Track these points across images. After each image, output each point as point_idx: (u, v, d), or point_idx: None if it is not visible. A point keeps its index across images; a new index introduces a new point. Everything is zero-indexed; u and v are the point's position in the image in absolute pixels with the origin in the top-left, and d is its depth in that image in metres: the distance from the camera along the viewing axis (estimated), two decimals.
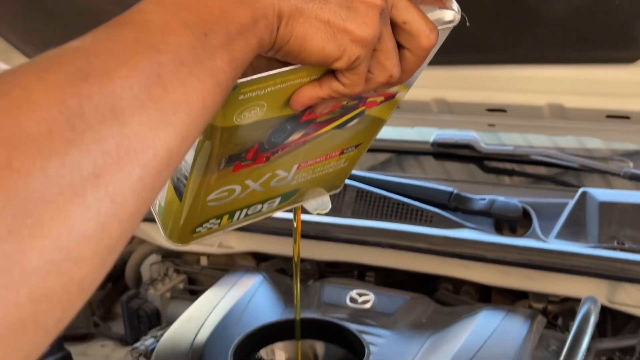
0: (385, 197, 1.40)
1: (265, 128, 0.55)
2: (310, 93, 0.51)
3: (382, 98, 0.61)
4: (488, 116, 1.24)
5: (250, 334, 0.98)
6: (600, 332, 1.30)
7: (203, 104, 0.38)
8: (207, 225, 0.67)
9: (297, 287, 0.91)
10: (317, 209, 0.78)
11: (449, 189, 1.39)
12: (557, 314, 1.35)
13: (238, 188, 0.63)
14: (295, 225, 0.83)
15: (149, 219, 1.72)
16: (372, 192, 1.42)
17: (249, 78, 0.47)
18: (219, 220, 0.67)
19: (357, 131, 0.65)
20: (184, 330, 1.13)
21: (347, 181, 1.46)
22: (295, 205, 0.74)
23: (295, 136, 0.59)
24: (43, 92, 0.31)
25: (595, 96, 1.08)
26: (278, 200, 0.70)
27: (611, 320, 1.32)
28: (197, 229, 0.67)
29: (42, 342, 0.31)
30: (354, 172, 1.53)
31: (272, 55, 0.47)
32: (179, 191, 0.61)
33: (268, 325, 1.01)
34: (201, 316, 1.16)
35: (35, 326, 0.30)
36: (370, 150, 1.71)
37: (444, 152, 1.55)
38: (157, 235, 1.71)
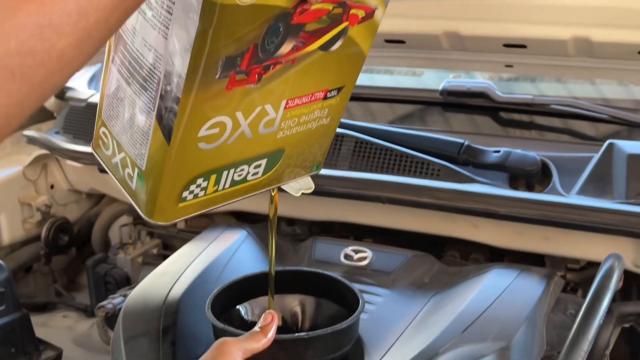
0: (386, 149, 1.40)
1: (262, 20, 0.60)
2: None
3: (363, 13, 0.68)
4: (505, 54, 1.23)
5: (230, 285, 0.99)
6: (623, 299, 1.31)
7: None
8: (194, 188, 0.71)
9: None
10: (301, 189, 0.84)
11: (460, 140, 1.38)
12: (576, 284, 1.36)
13: (229, 123, 0.68)
14: (271, 217, 0.87)
15: None
16: (372, 143, 1.42)
17: None
18: (206, 183, 0.72)
19: (340, 64, 0.72)
20: (156, 284, 1.13)
21: (345, 131, 1.46)
22: (277, 185, 0.81)
23: (286, 47, 0.65)
24: None
25: (627, 29, 1.07)
26: (264, 163, 0.76)
27: (637, 289, 1.33)
28: (184, 194, 0.71)
29: (29, 95, 0.42)
30: (353, 121, 1.53)
31: None
32: (167, 128, 0.65)
33: (249, 277, 1.01)
34: (177, 270, 1.16)
35: (22, 78, 0.41)
36: (371, 99, 1.70)
37: (455, 101, 1.54)
38: None
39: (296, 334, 0.86)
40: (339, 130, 1.45)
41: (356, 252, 1.23)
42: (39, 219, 1.86)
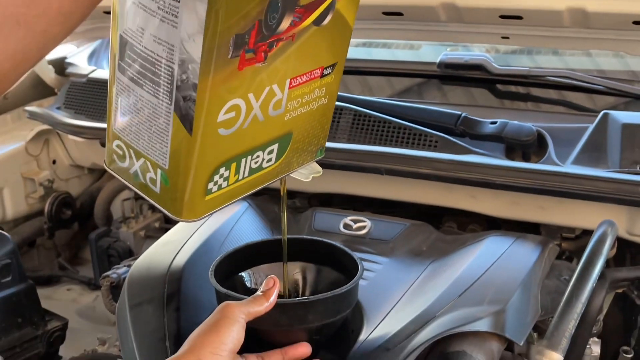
0: (384, 121, 1.42)
1: None
2: None
3: None
4: (502, 25, 1.24)
5: (233, 252, 1.01)
6: (617, 266, 1.33)
7: None
8: (217, 179, 0.74)
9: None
10: (311, 173, 0.90)
11: (457, 112, 1.40)
12: (571, 253, 1.38)
13: (243, 105, 0.71)
14: (282, 193, 0.93)
15: None
16: (370, 116, 1.43)
17: None
18: (228, 172, 0.75)
19: (332, 39, 0.77)
20: (160, 253, 1.15)
21: (344, 104, 1.47)
22: (288, 173, 0.86)
23: (286, 22, 0.69)
24: None
25: None
26: (276, 148, 0.80)
27: (630, 257, 1.36)
28: (209, 186, 0.74)
29: (32, 43, 0.49)
30: (351, 95, 1.55)
31: None
32: (188, 118, 0.68)
33: (252, 244, 1.03)
34: (180, 240, 1.18)
35: (27, 26, 0.48)
36: (368, 73, 1.71)
37: (452, 74, 1.55)
38: None
39: (297, 298, 0.88)
40: (337, 103, 1.47)
41: (355, 221, 1.25)
42: (41, 194, 1.88)
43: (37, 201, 1.89)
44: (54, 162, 1.93)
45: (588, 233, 1.33)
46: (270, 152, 0.80)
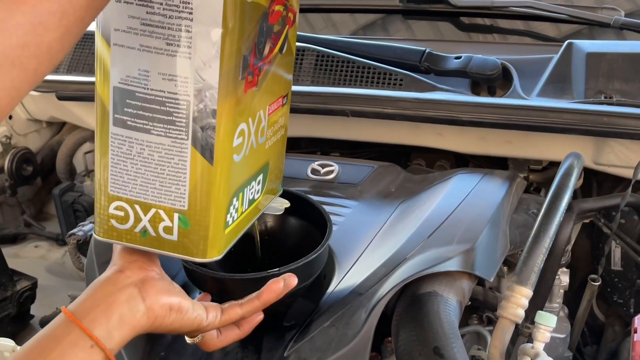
0: (348, 61, 1.40)
1: (257, 18, 0.69)
2: None
3: (292, 15, 0.79)
4: None
5: None
6: (584, 196, 1.36)
7: None
8: (232, 210, 0.75)
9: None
10: (282, 204, 0.94)
11: (421, 48, 1.39)
12: (539, 184, 1.41)
13: (246, 130, 0.74)
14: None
15: (82, 97, 1.72)
16: (333, 56, 1.42)
17: None
18: (237, 202, 0.76)
19: (287, 67, 0.83)
20: None
21: (306, 44, 1.46)
22: (265, 207, 0.89)
23: (267, 47, 0.74)
24: None
25: None
26: (261, 178, 0.83)
27: (596, 186, 1.38)
28: (227, 218, 0.74)
29: (24, 81, 0.54)
30: (313, 35, 1.53)
31: None
32: (208, 147, 0.68)
33: None
34: None
35: (20, 66, 0.53)
36: (332, 10, 1.69)
37: (415, 8, 1.54)
38: (91, 118, 1.69)
39: (266, 272, 0.85)
40: (299, 44, 1.45)
41: (323, 166, 1.25)
42: (0, 151, 1.85)
43: None
44: (10, 117, 1.89)
45: (555, 164, 1.35)
46: (258, 183, 0.82)
